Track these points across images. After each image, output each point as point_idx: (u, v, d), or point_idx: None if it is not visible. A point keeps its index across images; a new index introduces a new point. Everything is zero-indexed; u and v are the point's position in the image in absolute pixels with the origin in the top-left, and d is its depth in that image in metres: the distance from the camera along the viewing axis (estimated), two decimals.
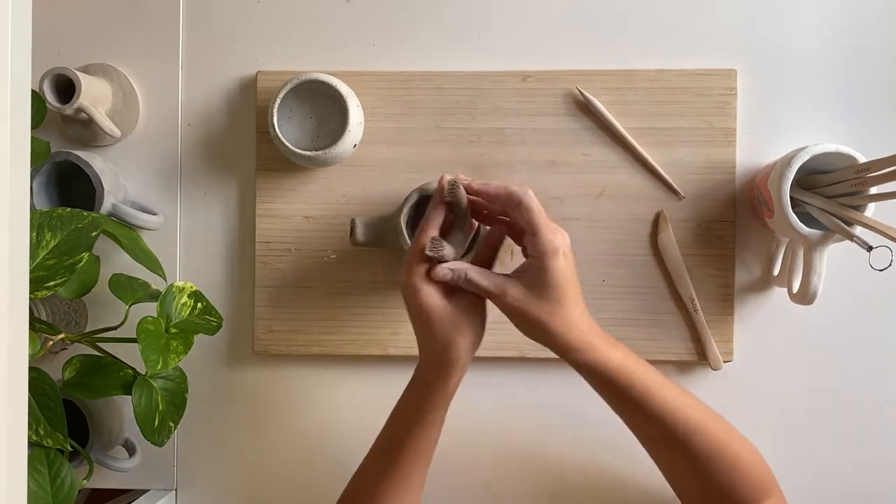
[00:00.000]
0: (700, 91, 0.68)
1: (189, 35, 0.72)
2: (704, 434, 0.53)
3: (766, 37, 0.69)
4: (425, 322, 0.54)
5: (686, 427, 0.53)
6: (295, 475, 0.72)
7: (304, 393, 0.72)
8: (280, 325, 0.70)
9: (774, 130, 0.68)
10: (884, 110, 0.68)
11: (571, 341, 0.51)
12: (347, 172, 0.70)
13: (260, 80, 0.70)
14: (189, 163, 0.72)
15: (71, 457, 0.61)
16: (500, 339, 0.68)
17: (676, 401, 0.53)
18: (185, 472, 0.73)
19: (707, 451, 0.53)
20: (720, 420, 0.55)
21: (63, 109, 0.65)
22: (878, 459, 0.68)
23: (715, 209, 0.68)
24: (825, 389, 0.69)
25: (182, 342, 0.58)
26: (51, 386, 0.56)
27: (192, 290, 0.62)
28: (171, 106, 0.72)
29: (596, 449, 0.70)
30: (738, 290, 0.68)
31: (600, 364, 0.52)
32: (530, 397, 0.70)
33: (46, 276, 0.53)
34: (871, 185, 0.56)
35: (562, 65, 0.69)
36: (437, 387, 0.55)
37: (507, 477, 0.71)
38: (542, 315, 0.51)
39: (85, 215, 0.56)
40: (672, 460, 0.56)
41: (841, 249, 0.60)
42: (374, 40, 0.71)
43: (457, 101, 0.69)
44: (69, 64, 0.66)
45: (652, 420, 0.53)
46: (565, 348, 0.52)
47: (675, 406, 0.53)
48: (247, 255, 0.71)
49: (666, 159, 0.68)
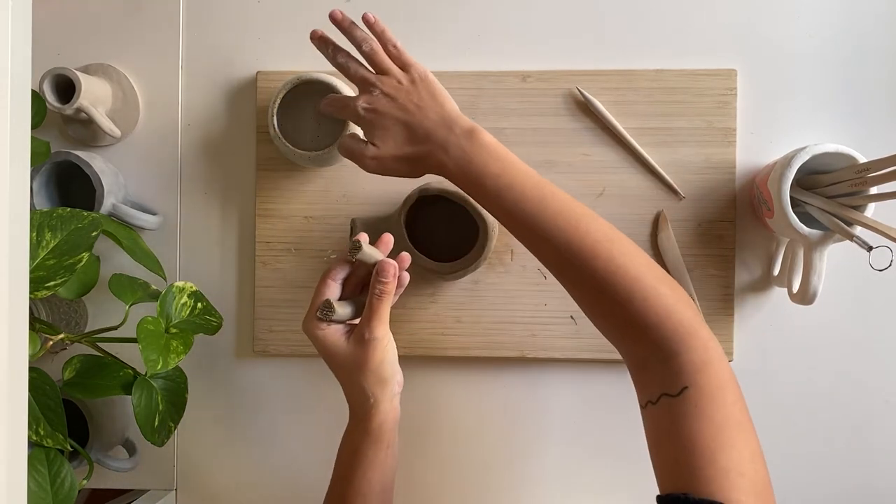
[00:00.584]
0: (700, 91, 0.67)
1: (189, 35, 0.72)
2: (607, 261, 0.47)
3: (766, 37, 0.69)
4: (330, 364, 0.56)
5: (588, 251, 0.48)
6: (295, 475, 0.72)
7: (304, 393, 0.72)
8: (280, 325, 0.70)
9: (774, 130, 0.68)
10: (884, 110, 0.68)
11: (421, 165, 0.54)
12: (347, 172, 0.70)
13: (260, 80, 0.70)
14: (189, 163, 0.72)
15: (71, 457, 0.61)
16: (499, 339, 0.68)
17: (571, 219, 0.49)
18: (185, 472, 0.72)
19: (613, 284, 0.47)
20: (631, 247, 0.49)
21: (63, 109, 0.65)
22: (878, 459, 0.68)
23: (715, 209, 0.68)
24: (825, 389, 0.68)
25: (182, 342, 0.58)
26: (51, 386, 0.56)
27: (192, 290, 0.62)
28: (171, 106, 0.72)
29: (596, 449, 0.70)
30: (738, 290, 0.68)
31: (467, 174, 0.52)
32: (530, 397, 0.70)
33: (46, 276, 0.53)
34: (871, 185, 0.56)
35: (562, 65, 0.69)
36: (359, 430, 0.55)
37: (506, 477, 0.71)
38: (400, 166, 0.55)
39: (85, 215, 0.56)
40: (586, 301, 0.50)
41: (841, 249, 0.60)
42: None
43: (457, 101, 0.69)
44: (69, 64, 0.66)
45: (546, 241, 0.49)
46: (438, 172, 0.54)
47: (570, 225, 0.49)
48: (247, 255, 0.71)
49: (666, 159, 0.68)
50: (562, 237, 0.49)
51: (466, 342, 0.69)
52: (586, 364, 0.69)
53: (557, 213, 0.49)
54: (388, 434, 0.56)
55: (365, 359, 0.54)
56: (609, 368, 0.69)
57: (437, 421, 0.70)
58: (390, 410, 0.56)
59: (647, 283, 0.47)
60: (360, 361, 0.54)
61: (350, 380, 0.55)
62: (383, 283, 0.53)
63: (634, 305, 0.46)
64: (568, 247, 0.48)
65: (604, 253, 0.48)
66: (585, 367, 0.70)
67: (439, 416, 0.70)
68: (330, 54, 0.57)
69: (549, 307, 0.68)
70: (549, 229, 0.49)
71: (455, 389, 0.70)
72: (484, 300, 0.69)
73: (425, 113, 0.54)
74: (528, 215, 0.50)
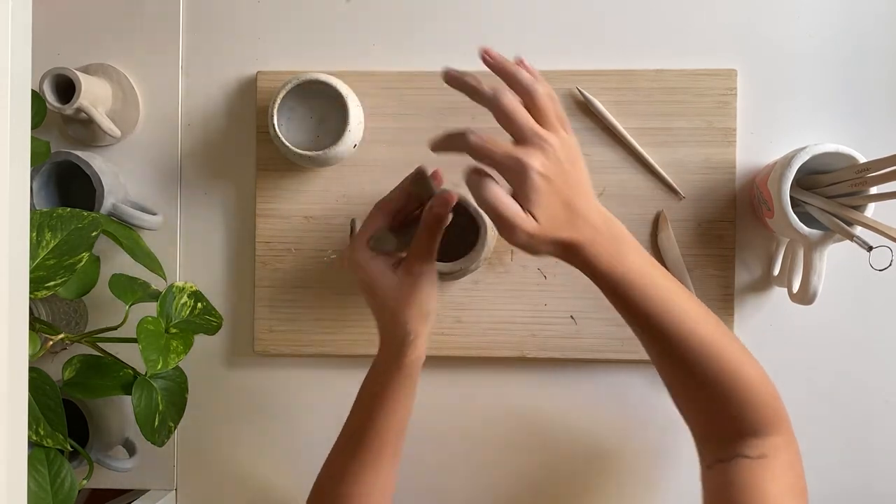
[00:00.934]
0: (700, 91, 0.67)
1: (189, 35, 0.72)
2: (719, 358, 0.49)
3: (766, 37, 0.69)
4: (370, 295, 0.54)
5: (703, 348, 0.49)
6: (295, 475, 0.72)
7: (304, 393, 0.72)
8: (280, 325, 0.70)
9: (774, 130, 0.68)
10: (884, 110, 0.68)
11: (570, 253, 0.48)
12: (347, 172, 0.70)
13: (260, 80, 0.70)
14: (189, 163, 0.72)
15: (71, 457, 0.61)
16: (500, 339, 0.68)
17: (697, 320, 0.49)
18: (185, 472, 0.72)
19: (718, 377, 0.49)
20: (736, 344, 0.51)
21: (63, 109, 0.65)
22: (879, 459, 0.68)
23: (715, 209, 0.68)
24: (825, 389, 0.69)
25: (182, 342, 0.58)
26: (51, 386, 0.56)
27: (192, 290, 0.62)
28: (171, 106, 0.72)
29: (596, 448, 0.70)
30: (738, 290, 0.68)
31: (610, 272, 0.48)
32: (530, 397, 0.70)
33: (46, 276, 0.53)
34: (871, 185, 0.56)
35: (562, 65, 0.69)
36: (392, 365, 0.54)
37: (505, 477, 0.71)
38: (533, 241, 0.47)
39: (85, 215, 0.56)
40: (682, 381, 0.52)
41: (841, 249, 0.60)
42: (374, 40, 0.71)
43: (457, 101, 0.68)
44: (69, 64, 0.66)
45: (665, 336, 0.49)
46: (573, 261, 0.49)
47: (695, 325, 0.49)
48: (247, 255, 0.71)
49: (666, 159, 0.68)
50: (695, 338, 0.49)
51: (466, 342, 0.69)
52: (586, 364, 0.69)
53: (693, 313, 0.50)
54: (417, 373, 0.55)
55: (411, 292, 0.52)
56: (609, 368, 0.69)
57: (436, 421, 0.70)
58: (423, 349, 0.55)
59: (749, 372, 0.50)
60: (406, 294, 0.53)
61: (391, 313, 0.53)
62: (439, 215, 0.51)
63: (735, 395, 0.49)
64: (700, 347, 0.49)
65: (719, 348, 0.49)
66: (585, 367, 0.70)
67: (439, 416, 0.70)
68: (487, 93, 0.47)
69: (549, 307, 0.68)
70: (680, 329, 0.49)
71: (455, 389, 0.70)
72: (484, 300, 0.69)
73: (587, 196, 0.48)
74: (670, 315, 0.49)
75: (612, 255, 0.48)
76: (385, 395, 0.55)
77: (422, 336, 0.54)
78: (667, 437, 0.69)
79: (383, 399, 0.55)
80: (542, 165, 0.45)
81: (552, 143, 0.46)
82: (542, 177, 0.45)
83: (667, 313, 0.49)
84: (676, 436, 0.69)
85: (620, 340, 0.68)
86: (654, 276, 0.49)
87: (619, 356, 0.68)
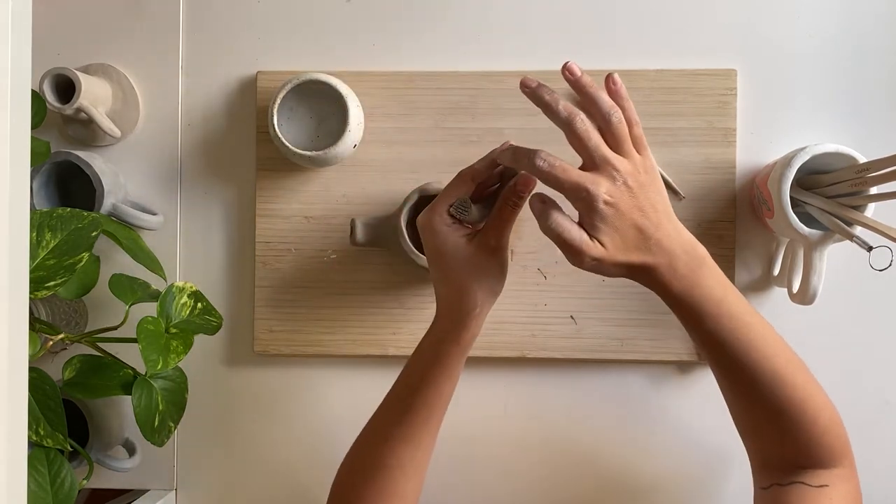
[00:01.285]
0: (700, 91, 0.67)
1: (189, 35, 0.72)
2: (788, 388, 0.49)
3: (766, 37, 0.69)
4: (441, 263, 0.53)
5: (773, 378, 0.48)
6: (295, 475, 0.72)
7: (304, 393, 0.72)
8: (280, 325, 0.70)
9: (774, 130, 0.68)
10: (884, 110, 0.68)
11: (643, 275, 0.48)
12: (347, 172, 0.70)
13: (260, 80, 0.70)
14: (189, 163, 0.72)
15: (71, 457, 0.61)
16: (500, 339, 0.68)
17: (768, 348, 0.49)
18: (185, 472, 0.73)
19: (786, 408, 0.49)
20: (807, 374, 0.51)
21: (63, 109, 0.65)
22: (878, 459, 0.68)
23: (715, 209, 0.68)
24: (825, 389, 0.68)
25: (182, 342, 0.58)
26: (51, 386, 0.56)
27: (192, 290, 0.62)
28: (171, 106, 0.72)
29: (598, 448, 0.70)
30: (739, 290, 0.68)
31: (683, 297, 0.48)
32: (530, 397, 0.70)
33: (46, 276, 0.53)
34: (871, 185, 0.56)
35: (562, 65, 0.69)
36: (451, 338, 0.54)
37: (507, 477, 0.71)
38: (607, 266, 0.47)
39: (85, 215, 0.56)
40: (748, 408, 0.51)
41: (841, 249, 0.60)
42: (374, 40, 0.71)
43: (457, 101, 0.69)
44: (69, 64, 0.66)
45: (737, 363, 0.49)
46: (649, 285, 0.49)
47: (766, 354, 0.48)
48: (247, 255, 0.71)
49: (666, 159, 0.68)
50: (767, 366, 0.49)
51: None
52: (586, 364, 0.70)
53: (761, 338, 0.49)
54: (469, 350, 0.55)
55: (486, 265, 0.52)
56: (609, 368, 0.69)
57: None
58: (481, 328, 0.55)
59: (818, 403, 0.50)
60: (480, 267, 0.52)
61: (461, 284, 0.53)
62: (521, 195, 0.52)
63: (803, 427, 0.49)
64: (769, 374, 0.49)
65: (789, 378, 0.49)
66: (585, 367, 0.70)
67: None
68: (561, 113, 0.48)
69: (549, 307, 0.68)
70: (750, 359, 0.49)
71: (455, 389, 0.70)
72: None
73: (659, 218, 0.47)
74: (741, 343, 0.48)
75: (687, 279, 0.47)
76: (439, 368, 0.54)
77: (485, 313, 0.54)
78: (667, 437, 0.69)
79: (437, 371, 0.54)
80: (608, 193, 0.46)
81: (621, 170, 0.46)
82: (609, 205, 0.46)
83: (739, 342, 0.48)
84: (677, 436, 0.69)
85: (620, 340, 0.68)
86: (731, 303, 0.49)
87: (619, 356, 0.68)
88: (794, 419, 0.49)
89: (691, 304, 0.48)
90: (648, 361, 0.68)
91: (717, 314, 0.48)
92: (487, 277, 0.53)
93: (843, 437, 0.51)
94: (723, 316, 0.48)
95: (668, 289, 0.48)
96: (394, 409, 0.56)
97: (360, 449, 0.58)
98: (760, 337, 0.49)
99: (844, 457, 0.51)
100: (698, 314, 0.48)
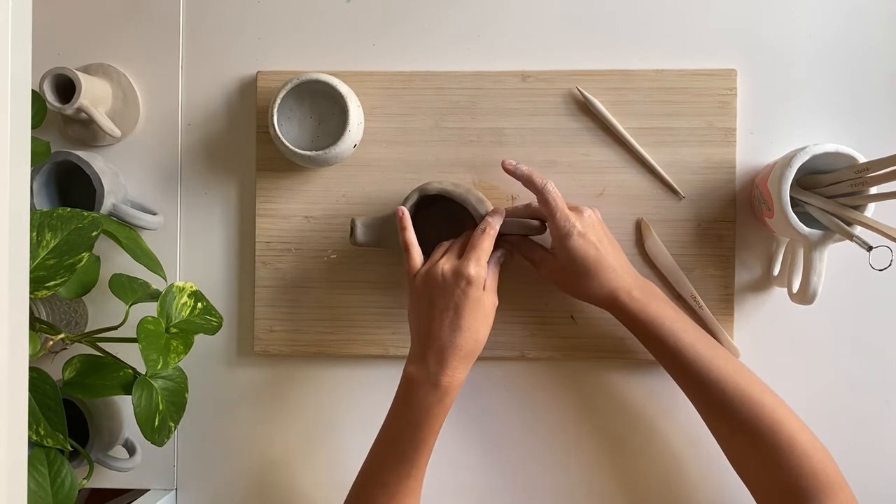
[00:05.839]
0: (700, 91, 0.68)
1: (189, 35, 0.72)
2: (757, 407, 0.55)
3: (766, 37, 0.69)
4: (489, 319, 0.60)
5: (740, 395, 0.55)
6: (295, 475, 0.72)
7: (304, 393, 0.72)
8: (280, 325, 0.70)
9: (774, 130, 0.68)
10: (884, 110, 0.68)
11: (605, 303, 0.60)
12: (347, 172, 0.70)
13: (260, 80, 0.70)
14: (189, 163, 0.72)
15: (71, 457, 0.61)
16: (500, 339, 0.68)
17: (729, 365, 0.56)
18: (185, 472, 0.73)
19: (758, 426, 0.54)
20: (774, 397, 0.56)
21: (63, 109, 0.65)
22: (878, 460, 0.68)
23: (715, 209, 0.68)
24: (825, 389, 0.68)
25: (182, 342, 0.58)
26: (51, 386, 0.56)
27: (192, 290, 0.62)
28: (171, 106, 0.72)
29: (597, 449, 0.70)
30: (738, 290, 0.68)
31: (640, 314, 0.59)
32: (530, 397, 0.70)
33: (46, 276, 0.53)
34: (870, 185, 0.56)
35: (562, 65, 0.69)
36: (457, 385, 0.59)
37: (505, 477, 0.71)
38: (568, 288, 0.62)
39: (85, 215, 0.56)
40: (728, 436, 0.57)
41: (841, 249, 0.60)
42: (374, 40, 0.71)
43: (457, 101, 0.69)
44: (69, 64, 0.66)
45: (700, 380, 0.57)
46: (604, 305, 0.61)
47: (727, 370, 0.56)
48: (247, 254, 0.71)
49: (666, 159, 0.68)
50: (730, 380, 0.56)
51: None
52: (586, 364, 0.70)
53: (723, 357, 0.58)
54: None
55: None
56: (609, 368, 0.69)
57: None
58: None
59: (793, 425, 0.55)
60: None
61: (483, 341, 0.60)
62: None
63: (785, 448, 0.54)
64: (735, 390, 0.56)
65: (756, 397, 0.55)
66: (585, 367, 0.70)
67: None
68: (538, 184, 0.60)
69: (549, 307, 0.69)
70: (716, 371, 0.56)
71: None
72: None
73: (611, 252, 0.60)
74: (699, 357, 0.57)
75: (640, 301, 0.59)
76: (433, 415, 0.58)
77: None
78: (668, 437, 0.69)
79: (433, 417, 0.58)
80: (583, 225, 0.59)
81: (587, 215, 0.60)
82: (581, 234, 0.59)
83: (699, 354, 0.57)
84: (677, 436, 0.69)
85: (620, 340, 0.68)
86: (686, 321, 0.59)
87: (619, 356, 0.68)
88: (771, 440, 0.54)
89: (647, 320, 0.58)
90: (648, 361, 0.68)
91: (672, 329, 0.58)
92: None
93: (831, 466, 0.54)
94: (678, 331, 0.58)
95: (624, 308, 0.59)
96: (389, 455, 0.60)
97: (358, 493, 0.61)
98: (723, 355, 0.57)
99: (841, 490, 0.53)
100: (657, 329, 0.58)
